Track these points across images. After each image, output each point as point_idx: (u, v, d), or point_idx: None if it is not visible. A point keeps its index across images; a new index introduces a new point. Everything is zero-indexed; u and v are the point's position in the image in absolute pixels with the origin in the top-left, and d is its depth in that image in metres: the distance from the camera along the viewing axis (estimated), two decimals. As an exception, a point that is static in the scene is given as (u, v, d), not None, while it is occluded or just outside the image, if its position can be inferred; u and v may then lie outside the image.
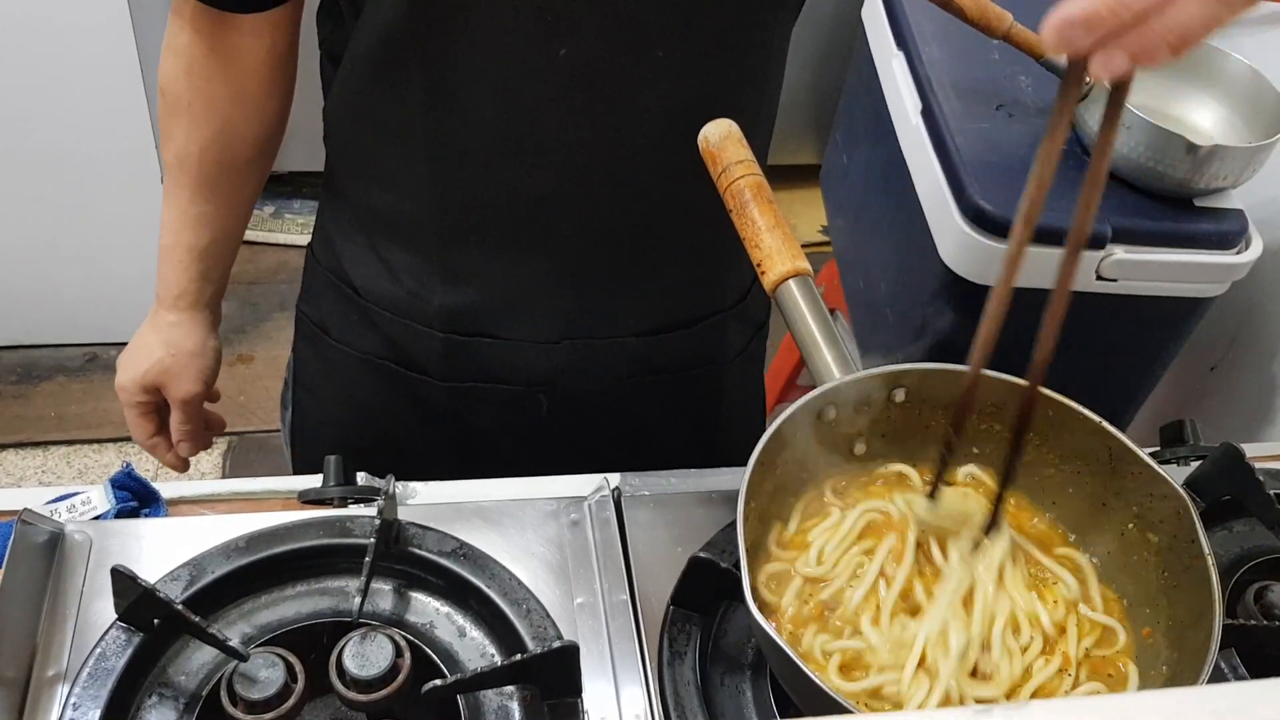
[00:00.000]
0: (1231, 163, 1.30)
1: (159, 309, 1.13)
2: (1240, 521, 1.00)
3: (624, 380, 1.11)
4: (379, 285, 1.07)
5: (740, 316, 1.17)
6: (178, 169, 1.05)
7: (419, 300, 1.05)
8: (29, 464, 2.35)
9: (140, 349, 1.14)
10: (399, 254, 1.04)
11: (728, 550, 0.87)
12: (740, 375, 1.22)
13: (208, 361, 1.16)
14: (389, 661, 0.76)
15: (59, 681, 0.79)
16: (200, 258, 1.10)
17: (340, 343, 1.13)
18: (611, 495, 0.94)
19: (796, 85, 2.81)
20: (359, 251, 1.07)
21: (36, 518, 0.85)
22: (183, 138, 1.03)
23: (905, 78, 1.53)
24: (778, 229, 0.88)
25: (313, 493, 0.93)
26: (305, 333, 1.18)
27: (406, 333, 1.08)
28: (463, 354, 1.07)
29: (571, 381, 1.09)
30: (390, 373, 1.11)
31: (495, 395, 1.10)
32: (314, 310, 1.16)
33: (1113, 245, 1.32)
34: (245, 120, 1.04)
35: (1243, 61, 1.40)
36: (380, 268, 1.06)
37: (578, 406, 1.12)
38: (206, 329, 1.15)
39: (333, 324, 1.13)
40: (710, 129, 0.92)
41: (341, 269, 1.10)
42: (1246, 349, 1.57)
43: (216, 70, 1.00)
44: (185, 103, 1.01)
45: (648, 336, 1.10)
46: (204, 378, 1.16)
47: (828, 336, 0.84)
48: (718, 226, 1.06)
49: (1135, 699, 0.36)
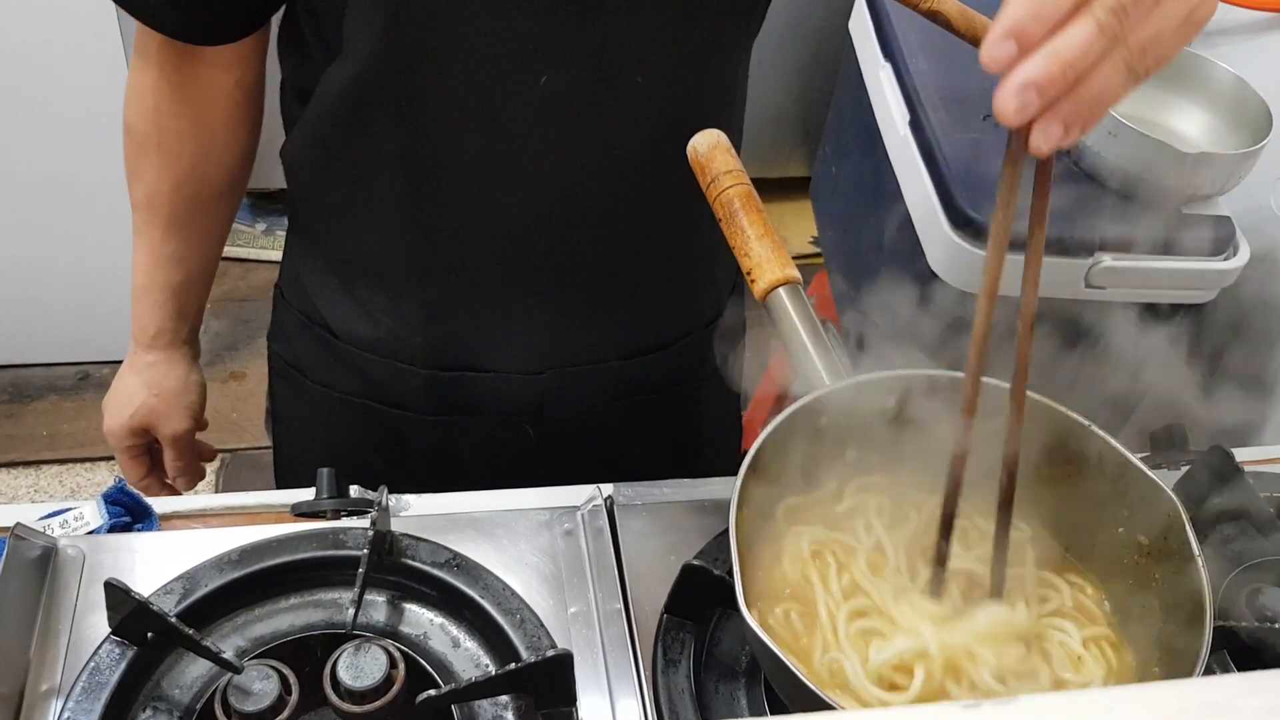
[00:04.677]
0: (1218, 170, 1.31)
1: (136, 350, 1.11)
2: (1231, 525, 1.00)
3: (607, 404, 1.11)
4: (356, 327, 1.05)
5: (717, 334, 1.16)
6: (148, 208, 1.03)
7: (399, 339, 1.04)
8: (21, 483, 2.34)
9: (123, 393, 1.12)
10: (376, 295, 1.03)
11: (720, 558, 0.88)
12: (718, 390, 1.22)
13: (193, 397, 1.15)
14: (383, 673, 0.76)
15: (53, 696, 0.79)
16: (176, 295, 1.08)
17: (318, 383, 1.11)
18: (604, 505, 0.94)
19: (785, 98, 2.83)
20: (333, 294, 1.05)
21: (29, 532, 0.85)
22: (153, 176, 1.01)
23: (893, 89, 1.54)
24: (767, 238, 0.89)
25: (305, 505, 0.93)
26: (280, 372, 1.16)
27: (387, 371, 1.06)
28: (446, 388, 1.06)
29: (556, 409, 1.09)
30: (371, 410, 1.09)
31: (479, 427, 1.09)
32: (288, 350, 1.14)
33: (1101, 253, 1.33)
34: (216, 154, 1.02)
35: (1227, 70, 1.41)
36: (356, 310, 1.04)
37: (562, 433, 1.11)
38: (188, 365, 1.14)
39: (308, 365, 1.12)
40: (699, 139, 0.92)
41: (315, 311, 1.08)
42: (1235, 355, 1.58)
43: (186, 105, 0.98)
44: (155, 140, 1.00)
45: (630, 359, 1.09)
46: (192, 414, 1.15)
47: (817, 344, 0.84)
48: (694, 246, 1.06)
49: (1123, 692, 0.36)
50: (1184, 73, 1.43)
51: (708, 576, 0.83)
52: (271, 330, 1.17)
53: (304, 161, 1.01)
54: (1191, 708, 0.36)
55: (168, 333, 1.10)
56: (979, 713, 0.37)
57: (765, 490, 0.83)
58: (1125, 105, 1.36)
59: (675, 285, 1.09)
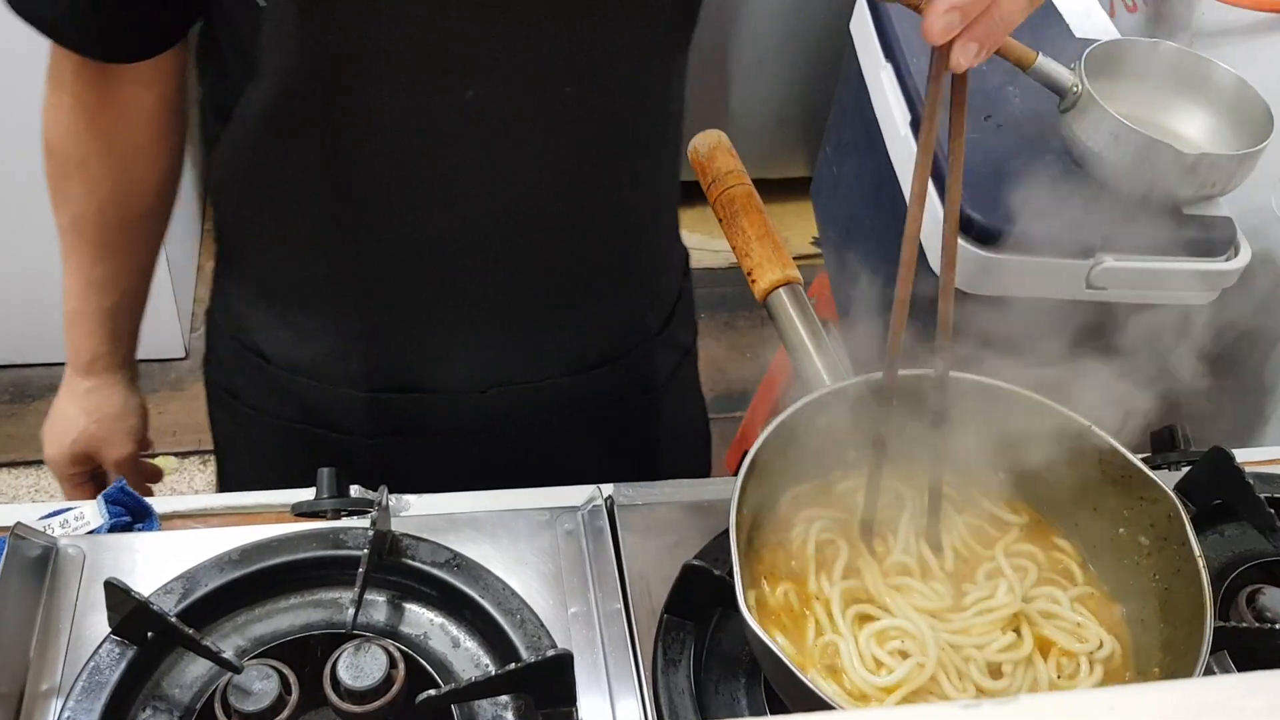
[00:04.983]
0: (1219, 171, 1.31)
1: (73, 376, 1.08)
2: (1231, 525, 1.00)
3: (555, 420, 1.09)
4: (291, 352, 1.03)
5: (666, 342, 1.15)
6: (74, 232, 1.01)
7: (336, 362, 1.02)
8: (22, 483, 2.34)
9: (62, 421, 1.10)
10: (310, 319, 1.00)
11: (721, 558, 0.88)
12: (675, 400, 1.20)
13: (135, 421, 1.13)
14: (383, 672, 0.76)
15: (53, 696, 0.79)
16: (110, 318, 1.06)
17: (254, 409, 1.09)
18: (605, 505, 0.94)
19: (786, 98, 2.83)
20: (265, 319, 1.03)
21: (29, 532, 0.85)
22: (80, 198, 0.99)
23: (894, 89, 1.54)
24: (767, 238, 0.89)
25: (306, 505, 0.93)
26: (216, 398, 1.14)
27: (326, 395, 1.04)
28: (388, 411, 1.04)
29: (502, 428, 1.07)
30: (311, 436, 1.07)
31: (424, 449, 1.07)
32: (222, 375, 1.11)
33: (1101, 254, 1.33)
34: (142, 172, 1.00)
35: (1229, 70, 1.41)
36: (290, 334, 1.02)
37: (511, 451, 1.09)
38: (127, 388, 1.11)
39: (244, 390, 1.09)
40: (699, 140, 0.92)
41: (247, 337, 1.05)
42: (1236, 356, 1.58)
43: (108, 125, 0.96)
44: (78, 162, 0.97)
45: (577, 375, 1.07)
46: (134, 437, 1.13)
47: (817, 343, 0.84)
48: (636, 257, 1.04)
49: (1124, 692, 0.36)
50: (1185, 73, 1.43)
51: (708, 577, 0.83)
52: (205, 355, 1.14)
53: (227, 183, 0.98)
54: (1192, 708, 0.36)
55: (104, 357, 1.07)
56: (979, 713, 0.37)
57: (766, 490, 0.83)
58: (1125, 106, 1.36)
59: (620, 297, 1.07)
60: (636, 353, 1.11)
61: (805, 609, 0.81)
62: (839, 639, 0.78)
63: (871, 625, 0.79)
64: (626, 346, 1.10)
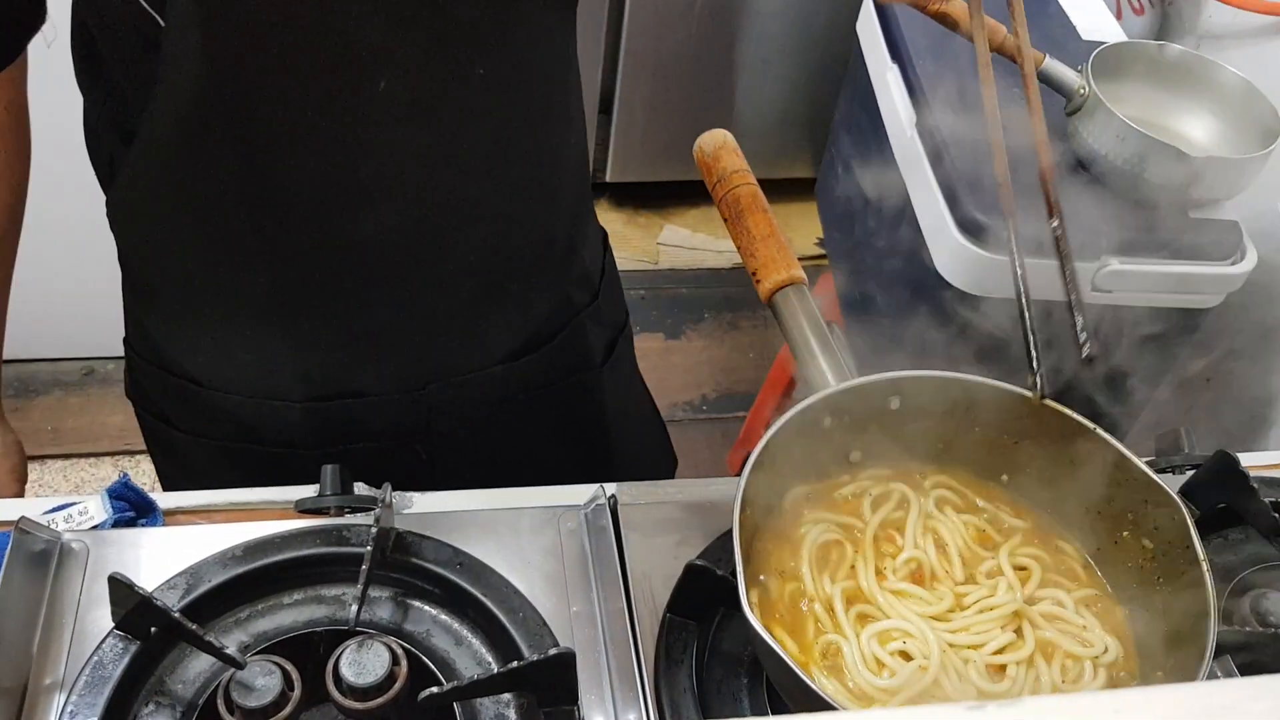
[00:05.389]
0: (1225, 174, 1.31)
1: None
2: (1236, 530, 1.00)
3: (496, 410, 1.07)
4: (219, 370, 1.00)
5: (595, 319, 1.13)
6: None
7: (268, 374, 0.99)
8: (26, 478, 2.34)
9: None
10: (236, 335, 0.98)
11: (723, 558, 0.88)
12: (615, 382, 1.19)
13: (14, 459, 1.09)
14: (385, 669, 0.76)
15: (56, 690, 0.79)
16: None
17: (189, 433, 1.06)
18: (608, 504, 0.94)
19: (792, 99, 2.83)
20: (188, 340, 1.00)
21: (34, 526, 0.86)
22: None
23: (900, 90, 1.54)
24: (772, 238, 0.89)
25: (309, 502, 0.93)
26: (148, 426, 1.10)
27: (260, 410, 1.02)
28: (327, 419, 1.02)
29: (444, 424, 1.05)
30: (251, 454, 1.04)
31: (368, 454, 1.05)
32: (150, 405, 1.08)
33: (1107, 256, 1.33)
34: None
35: (1235, 73, 1.41)
36: (216, 353, 0.99)
37: (455, 447, 1.08)
38: (1, 427, 1.07)
39: (175, 416, 1.06)
40: (705, 139, 0.92)
41: (172, 362, 1.02)
42: (1242, 360, 1.58)
43: None
44: None
45: (512, 361, 1.06)
46: (17, 476, 1.09)
47: (822, 344, 0.84)
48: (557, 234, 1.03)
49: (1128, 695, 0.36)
50: (1192, 76, 1.43)
51: (711, 576, 0.83)
52: (128, 386, 1.10)
53: (134, 206, 0.93)
54: (1196, 711, 0.36)
55: None
56: (983, 714, 0.37)
57: (769, 490, 0.83)
58: (1132, 109, 1.35)
59: (544, 277, 1.05)
60: (568, 332, 1.10)
61: (807, 609, 0.81)
62: (841, 639, 0.78)
63: (873, 625, 0.79)
64: (556, 327, 1.09)
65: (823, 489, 0.87)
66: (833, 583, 0.82)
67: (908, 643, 0.78)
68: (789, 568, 0.83)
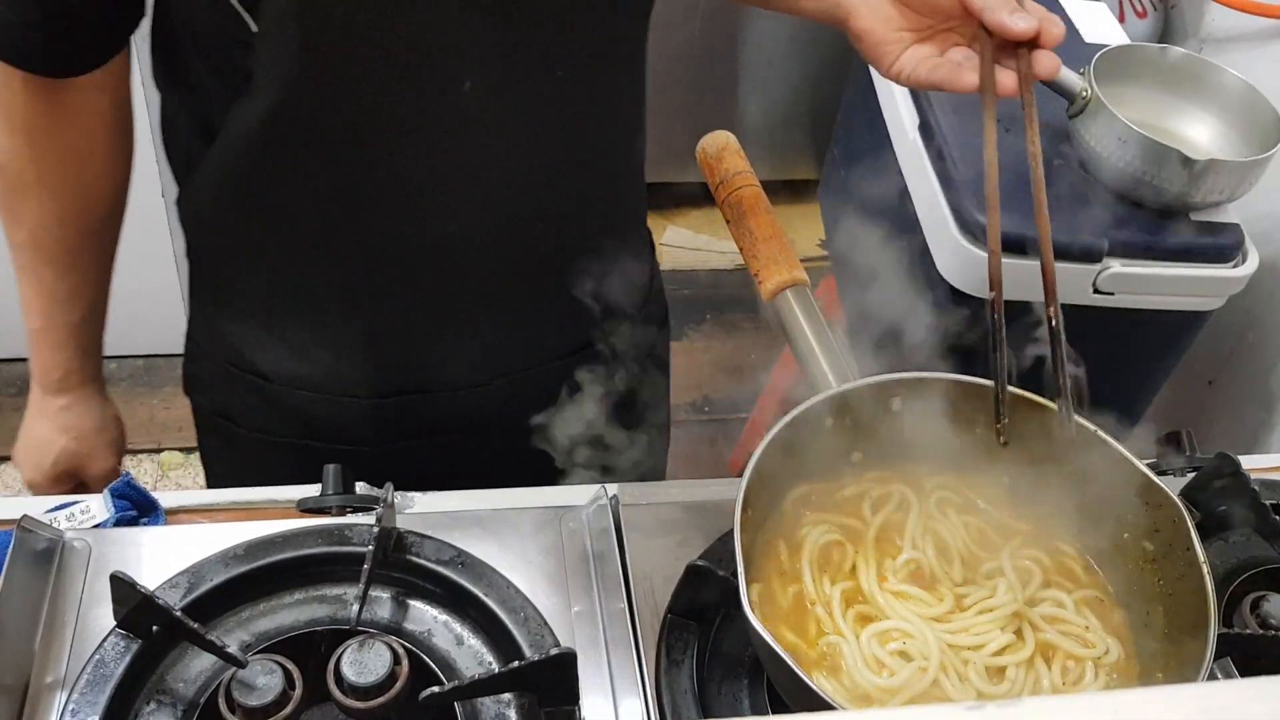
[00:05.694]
0: (1227, 177, 1.31)
1: (44, 396, 1.06)
2: (1236, 532, 1.00)
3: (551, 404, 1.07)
4: (290, 367, 1.01)
5: (647, 318, 1.16)
6: (34, 248, 0.98)
7: (339, 373, 1.01)
8: (27, 477, 2.34)
9: (38, 443, 1.07)
10: (308, 332, 0.99)
11: (724, 559, 0.88)
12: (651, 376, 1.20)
13: (114, 433, 1.11)
14: (387, 669, 0.76)
15: (57, 688, 0.79)
16: (77, 333, 1.03)
17: (252, 430, 1.07)
18: (609, 504, 0.94)
19: (794, 100, 2.83)
20: (260, 337, 1.01)
21: (36, 525, 0.86)
22: (36, 214, 0.97)
23: (902, 92, 1.54)
24: (774, 239, 0.89)
25: (311, 501, 0.94)
26: (207, 424, 1.11)
27: (329, 407, 1.03)
28: (394, 415, 1.03)
29: (506, 419, 1.06)
30: (314, 451, 1.05)
31: (428, 450, 1.06)
32: (213, 401, 1.09)
33: (1109, 259, 1.33)
34: (99, 179, 0.98)
35: (1238, 77, 1.41)
36: (288, 350, 1.01)
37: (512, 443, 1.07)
38: (102, 401, 1.09)
39: (239, 413, 1.07)
40: (708, 141, 0.92)
41: (242, 358, 1.03)
42: (1243, 362, 1.58)
43: (63, 135, 0.94)
44: (34, 177, 0.95)
45: (571, 356, 1.08)
46: (116, 449, 1.11)
47: (824, 345, 0.84)
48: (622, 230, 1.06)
49: (1128, 696, 0.36)
50: (1194, 79, 1.43)
51: (712, 577, 0.83)
52: (188, 383, 1.11)
53: (214, 205, 0.95)
54: (1196, 712, 0.36)
55: (76, 373, 1.05)
56: (983, 714, 0.37)
57: (770, 491, 0.83)
58: (1134, 111, 1.36)
59: (605, 274, 1.05)
60: (623, 329, 1.11)
61: (808, 610, 0.81)
62: (841, 640, 0.78)
63: (873, 626, 0.79)
64: (614, 324, 1.10)
65: (824, 490, 0.87)
66: (833, 583, 0.82)
67: (907, 643, 0.78)
68: (790, 568, 0.83)
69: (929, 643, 0.78)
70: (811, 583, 0.82)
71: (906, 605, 0.81)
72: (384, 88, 0.84)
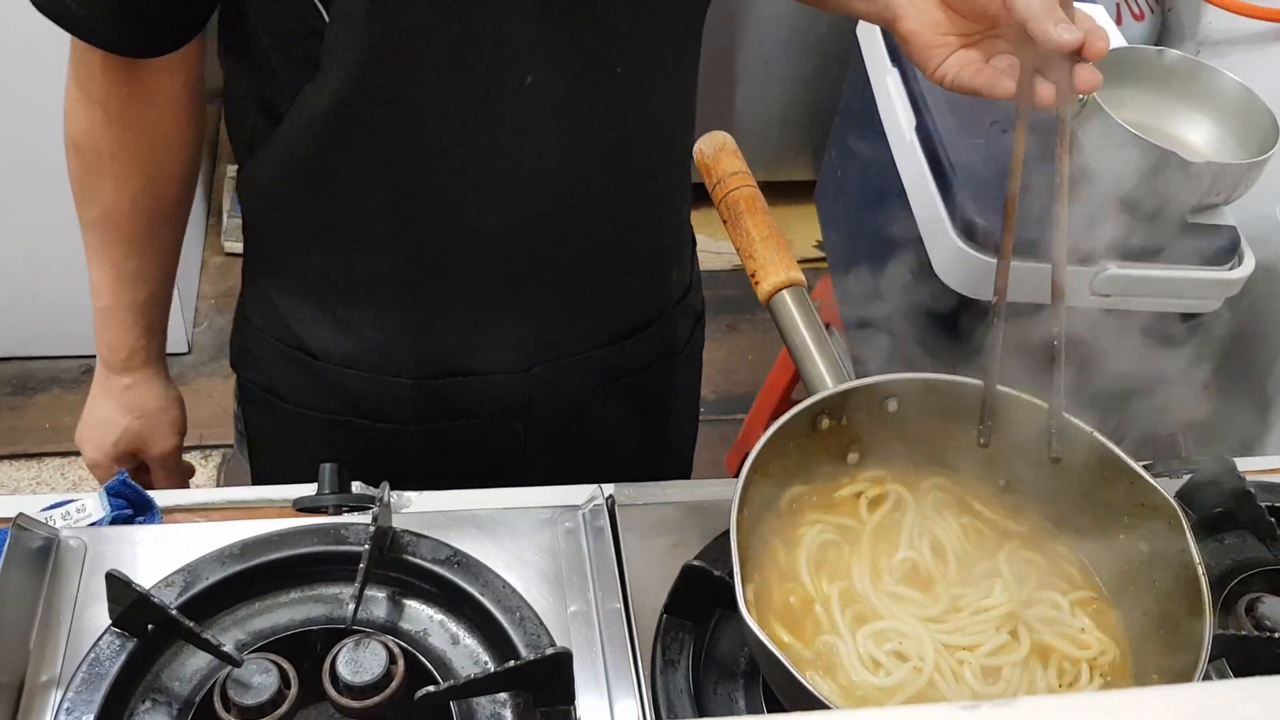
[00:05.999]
0: (1224, 179, 1.31)
1: (108, 375, 1.08)
2: (1232, 534, 1.00)
3: (592, 393, 1.11)
4: (339, 346, 1.03)
5: (686, 311, 1.18)
6: (105, 226, 1.00)
7: (385, 352, 1.03)
8: (24, 475, 2.34)
9: (102, 422, 1.09)
10: (360, 312, 1.01)
11: (720, 559, 0.88)
12: (685, 365, 1.23)
13: (176, 413, 1.12)
14: (382, 668, 0.76)
15: (52, 687, 0.79)
16: (144, 313, 1.05)
17: (297, 405, 1.09)
18: (605, 504, 0.94)
19: (792, 101, 2.83)
20: (311, 315, 1.03)
21: (31, 523, 0.86)
22: (111, 193, 0.98)
23: (900, 94, 1.54)
24: (771, 240, 0.89)
25: (307, 500, 0.94)
26: (253, 398, 1.13)
27: (373, 386, 1.05)
28: (434, 396, 1.05)
29: (544, 405, 1.09)
30: (356, 427, 1.07)
31: (466, 431, 1.08)
32: (260, 376, 1.11)
33: (1105, 261, 1.33)
34: (171, 160, 1.00)
35: (1234, 79, 1.41)
36: (338, 329, 1.03)
37: (549, 428, 1.11)
38: (164, 381, 1.11)
39: (285, 389, 1.09)
40: (705, 141, 0.93)
41: (292, 335, 1.05)
42: (1239, 365, 1.58)
43: (137, 115, 0.96)
44: (109, 156, 0.97)
45: (612, 345, 1.10)
46: (178, 429, 1.13)
47: (821, 346, 0.84)
48: (664, 228, 1.08)
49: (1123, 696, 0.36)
50: (1191, 82, 1.43)
51: (708, 577, 0.83)
52: (237, 357, 1.13)
53: (275, 184, 0.97)
54: (1192, 712, 0.36)
55: (140, 352, 1.07)
56: (978, 714, 0.37)
57: (767, 491, 0.83)
58: (1131, 113, 1.36)
59: (652, 267, 1.10)
60: (662, 321, 1.14)
61: (804, 610, 0.81)
62: (837, 639, 0.79)
63: (869, 626, 0.79)
64: (654, 315, 1.13)
65: (820, 490, 0.87)
66: (829, 583, 0.82)
67: (903, 643, 0.78)
68: (786, 568, 0.83)
69: (924, 643, 0.78)
70: (808, 583, 0.82)
71: (902, 605, 0.81)
72: (447, 80, 0.87)
